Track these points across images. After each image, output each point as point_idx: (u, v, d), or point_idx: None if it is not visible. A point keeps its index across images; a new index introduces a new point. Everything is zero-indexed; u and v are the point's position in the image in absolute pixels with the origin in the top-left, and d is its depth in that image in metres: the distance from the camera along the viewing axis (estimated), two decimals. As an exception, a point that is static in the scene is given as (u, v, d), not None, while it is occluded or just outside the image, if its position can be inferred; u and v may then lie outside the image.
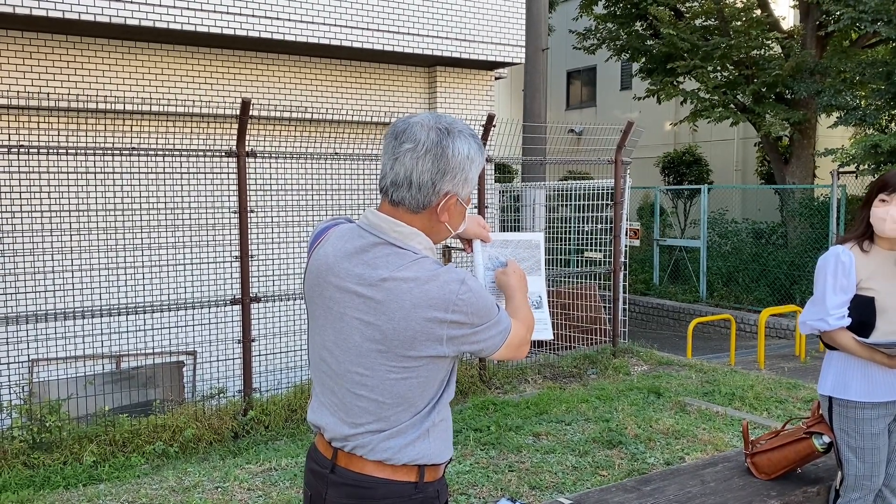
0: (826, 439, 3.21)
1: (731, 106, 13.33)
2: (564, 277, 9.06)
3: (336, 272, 1.76)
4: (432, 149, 1.70)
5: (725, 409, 5.78)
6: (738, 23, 13.21)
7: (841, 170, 11.48)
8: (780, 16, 14.09)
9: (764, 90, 13.08)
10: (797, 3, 13.51)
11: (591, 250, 8.77)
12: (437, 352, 1.70)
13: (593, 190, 8.78)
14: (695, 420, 5.45)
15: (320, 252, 1.82)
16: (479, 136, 1.84)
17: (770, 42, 13.25)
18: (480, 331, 1.72)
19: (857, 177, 12.09)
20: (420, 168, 1.70)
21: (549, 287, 7.43)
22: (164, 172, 7.16)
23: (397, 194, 1.73)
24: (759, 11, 13.34)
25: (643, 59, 14.67)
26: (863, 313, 2.86)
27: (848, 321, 2.87)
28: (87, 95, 7.05)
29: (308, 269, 1.85)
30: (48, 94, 6.85)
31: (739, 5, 13.32)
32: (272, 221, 7.87)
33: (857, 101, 12.46)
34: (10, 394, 5.97)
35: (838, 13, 11.24)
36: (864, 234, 2.91)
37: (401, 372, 1.71)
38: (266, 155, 6.40)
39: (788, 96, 13.16)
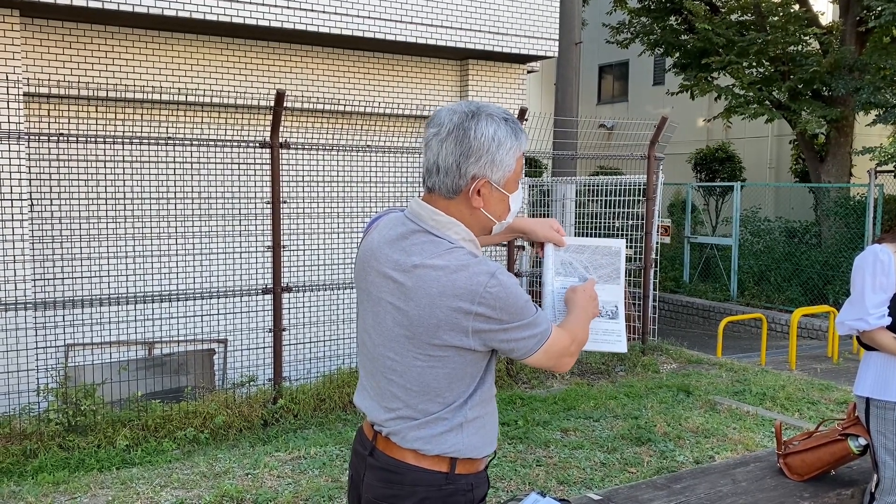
0: (862, 441, 3.17)
1: (767, 103, 13.12)
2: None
3: (377, 257, 1.78)
4: (454, 131, 1.69)
5: (756, 408, 5.73)
6: (776, 18, 12.97)
7: (879, 168, 11.27)
8: (818, 11, 13.81)
9: (801, 87, 12.84)
10: (837, -2, 13.28)
11: (622, 246, 8.69)
12: (462, 343, 1.68)
13: (624, 186, 8.71)
14: (725, 419, 5.40)
15: (368, 239, 1.86)
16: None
17: (808, 38, 12.99)
18: (511, 329, 1.69)
19: (895, 176, 11.86)
20: (444, 151, 1.70)
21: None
22: (199, 162, 7.24)
23: (430, 181, 1.75)
24: (797, 7, 13.10)
25: (677, 54, 14.49)
26: (904, 313, 2.81)
27: (888, 320, 2.82)
28: (125, 85, 7.14)
29: (357, 255, 1.89)
30: (87, 83, 6.96)
31: (777, 0, 13.09)
32: (304, 212, 7.93)
33: (897, 99, 12.20)
34: (46, 377, 6.09)
35: (879, 9, 11.00)
36: None
37: (426, 360, 1.71)
38: (299, 146, 6.45)
39: (826, 93, 12.92)
